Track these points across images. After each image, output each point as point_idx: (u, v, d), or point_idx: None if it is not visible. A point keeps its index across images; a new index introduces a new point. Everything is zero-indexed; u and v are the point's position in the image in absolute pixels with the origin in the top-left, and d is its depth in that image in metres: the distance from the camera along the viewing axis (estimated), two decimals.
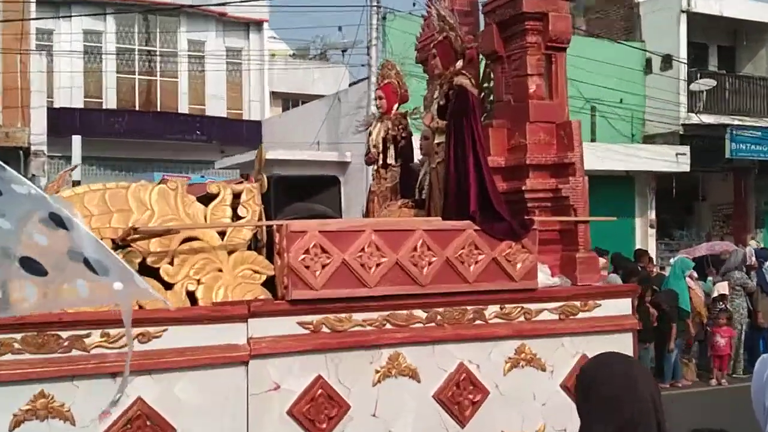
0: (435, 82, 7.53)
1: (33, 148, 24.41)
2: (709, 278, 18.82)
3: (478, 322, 6.67)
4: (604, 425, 2.90)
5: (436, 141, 7.31)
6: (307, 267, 5.99)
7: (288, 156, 24.71)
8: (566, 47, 7.56)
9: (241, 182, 6.69)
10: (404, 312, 6.38)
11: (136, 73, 29.25)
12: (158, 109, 29.92)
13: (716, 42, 30.29)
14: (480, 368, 6.65)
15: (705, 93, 27.74)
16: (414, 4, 25.95)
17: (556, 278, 7.18)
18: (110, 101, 28.36)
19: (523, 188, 7.36)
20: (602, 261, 15.85)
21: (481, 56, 8.04)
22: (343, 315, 6.15)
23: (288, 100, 34.85)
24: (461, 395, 6.54)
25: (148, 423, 5.53)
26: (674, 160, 26.95)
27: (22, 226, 2.18)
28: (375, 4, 24.26)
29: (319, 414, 6.05)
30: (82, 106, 27.50)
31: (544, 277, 7.05)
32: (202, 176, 23.60)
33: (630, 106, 27.82)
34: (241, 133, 30.84)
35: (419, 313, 6.44)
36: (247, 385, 5.89)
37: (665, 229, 29.58)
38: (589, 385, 3.03)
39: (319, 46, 37.64)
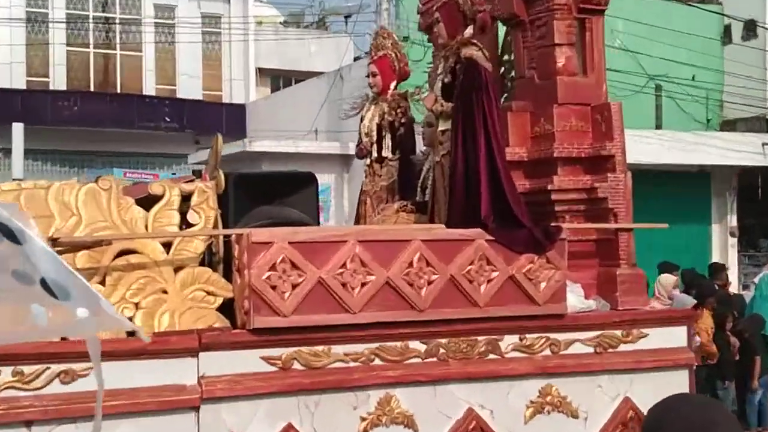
0: (439, 55, 7.34)
1: None
2: None
3: (491, 356, 6.53)
4: None
5: (440, 128, 7.15)
6: (274, 287, 5.85)
7: (278, 148, 24.56)
8: (604, 9, 7.37)
9: (193, 180, 6.52)
10: (398, 344, 6.23)
11: (91, 46, 28.97)
12: (118, 91, 29.57)
13: None
14: (494, 415, 6.51)
15: None
16: None
17: (591, 301, 7.00)
18: (59, 81, 28.11)
19: (549, 187, 7.20)
20: (671, 279, 15.76)
21: (498, 22, 7.92)
22: (319, 348, 6.01)
23: (278, 79, 34.61)
24: None
25: None
26: (760, 151, 26.49)
27: None
28: None
29: None
30: (24, 86, 27.31)
31: (576, 300, 6.86)
32: (173, 173, 23.43)
33: (704, 84, 27.41)
34: (221, 119, 30.60)
35: (417, 346, 6.29)
36: None
37: (749, 238, 29.12)
38: None
39: (317, 11, 37.02)
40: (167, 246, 5.97)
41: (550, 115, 7.31)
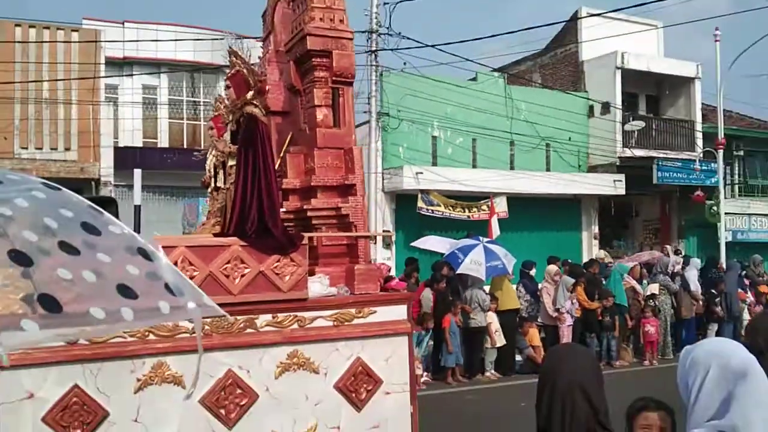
0: (228, 110, 6.41)
1: (102, 179, 24.28)
2: (644, 281, 17.52)
3: (249, 330, 5.44)
4: (541, 393, 2.87)
5: (229, 164, 6.20)
6: None
7: None
8: (352, 81, 6.31)
9: None
10: (168, 323, 5.07)
11: (184, 119, 27.63)
12: (201, 147, 28.44)
13: (645, 92, 28.68)
14: (250, 373, 5.43)
15: (636, 132, 26.29)
16: (405, 63, 24.95)
17: (334, 288, 5.94)
18: (164, 141, 27.01)
19: (305, 206, 6.17)
20: (554, 267, 14.88)
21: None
22: None
23: None
24: (226, 399, 5.32)
25: None
26: (612, 185, 25.55)
27: (118, 259, 2.15)
28: (374, 63, 23.20)
29: (74, 421, 4.86)
30: (141, 145, 26.37)
31: (321, 288, 5.83)
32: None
33: (577, 143, 26.50)
34: None
35: (185, 324, 5.16)
36: None
37: (606, 241, 27.96)
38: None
39: None
40: None
41: (314, 155, 6.29)
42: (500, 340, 14.41)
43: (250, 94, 5.96)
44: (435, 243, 17.61)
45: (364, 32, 23.39)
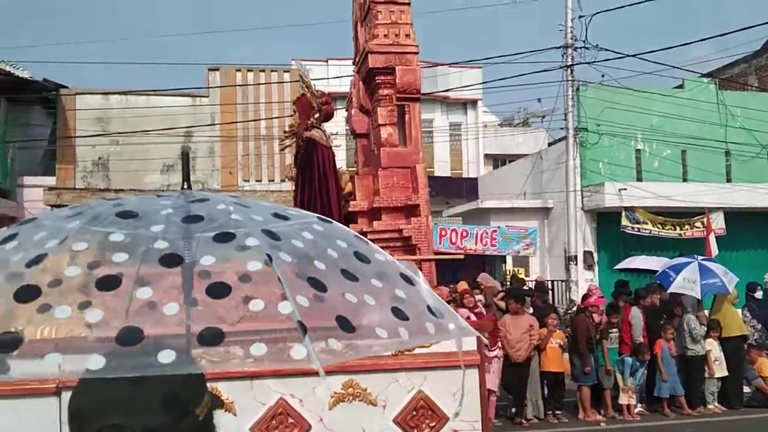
0: (289, 135, 6.20)
1: None
2: None
3: None
4: None
5: (291, 188, 6.03)
6: None
7: (500, 205, 23.61)
8: (418, 97, 5.85)
9: None
10: (220, 349, 5.03)
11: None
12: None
13: None
14: (303, 402, 5.19)
15: None
16: (603, 76, 23.85)
17: None
18: None
19: (365, 229, 5.84)
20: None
21: None
22: None
23: (498, 160, 32.46)
24: (277, 428, 5.11)
25: None
26: None
27: (387, 284, 2.15)
28: (570, 78, 22.41)
29: None
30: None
31: None
32: (435, 223, 22.86)
33: None
34: (462, 188, 29.37)
35: (236, 350, 5.06)
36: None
37: None
38: None
39: (522, 115, 35.19)
40: None
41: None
42: (721, 371, 12.91)
43: (312, 118, 5.77)
44: (641, 261, 16.35)
45: (560, 48, 22.65)
